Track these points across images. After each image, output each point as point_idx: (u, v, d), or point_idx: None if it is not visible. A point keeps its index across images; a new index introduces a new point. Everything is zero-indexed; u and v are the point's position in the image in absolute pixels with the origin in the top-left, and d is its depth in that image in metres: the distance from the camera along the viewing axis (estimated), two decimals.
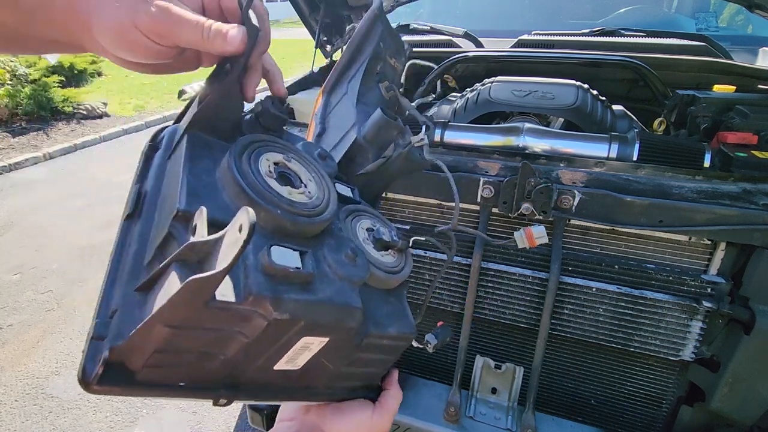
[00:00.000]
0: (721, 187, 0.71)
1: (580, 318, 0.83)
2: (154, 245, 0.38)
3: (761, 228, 0.67)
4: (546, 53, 1.36)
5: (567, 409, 0.94)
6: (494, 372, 0.90)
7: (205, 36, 0.40)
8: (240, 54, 0.42)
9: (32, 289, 2.69)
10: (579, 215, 0.75)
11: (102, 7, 0.39)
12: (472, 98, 1.13)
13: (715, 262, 0.75)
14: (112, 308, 0.36)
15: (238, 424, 1.80)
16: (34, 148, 5.06)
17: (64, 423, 1.82)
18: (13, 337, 2.31)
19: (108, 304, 0.37)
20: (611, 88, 1.39)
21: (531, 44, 1.56)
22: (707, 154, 0.84)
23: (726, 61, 1.30)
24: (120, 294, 0.37)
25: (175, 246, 0.35)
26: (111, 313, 0.36)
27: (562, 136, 0.93)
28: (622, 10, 1.99)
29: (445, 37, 1.76)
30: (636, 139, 0.87)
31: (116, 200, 3.87)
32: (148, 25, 0.39)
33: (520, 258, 0.85)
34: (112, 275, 0.39)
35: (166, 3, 0.39)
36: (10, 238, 3.27)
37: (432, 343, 0.67)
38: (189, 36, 0.40)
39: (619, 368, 0.88)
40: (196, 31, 0.40)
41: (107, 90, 7.61)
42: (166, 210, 0.39)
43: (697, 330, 0.76)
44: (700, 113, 0.99)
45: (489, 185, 0.77)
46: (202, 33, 0.40)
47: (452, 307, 0.91)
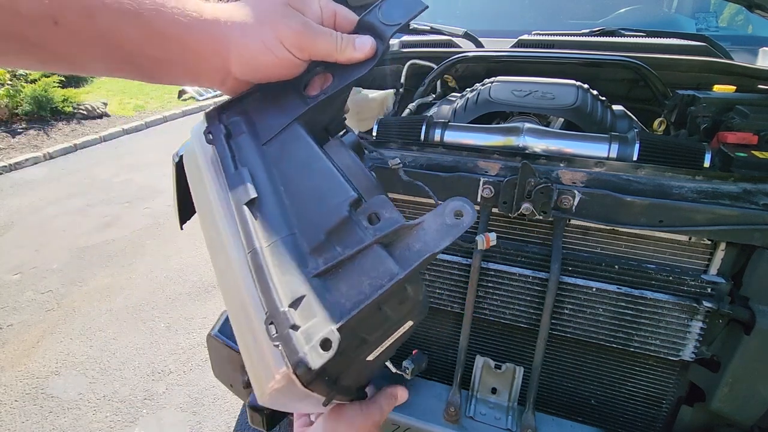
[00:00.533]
0: (721, 187, 0.71)
1: (580, 318, 0.83)
2: (323, 228, 0.38)
3: (761, 228, 0.67)
4: (546, 53, 1.36)
5: (567, 409, 0.94)
6: (494, 372, 0.90)
7: (339, 45, 0.44)
8: (371, 59, 0.45)
9: (32, 289, 2.69)
10: (579, 215, 0.75)
11: (244, 29, 0.41)
12: (472, 98, 1.13)
13: (715, 262, 0.75)
14: (293, 296, 0.35)
15: (238, 423, 1.81)
16: (34, 148, 5.06)
17: (64, 423, 1.82)
18: (13, 337, 2.31)
19: (283, 292, 0.35)
20: (611, 88, 1.39)
21: (531, 44, 1.56)
22: (707, 154, 0.84)
23: (726, 61, 1.30)
24: (294, 281, 0.36)
25: (357, 232, 0.36)
26: (294, 301, 0.35)
27: (562, 136, 0.93)
28: (622, 10, 1.99)
29: (445, 37, 1.76)
30: (636, 139, 0.87)
31: (116, 200, 3.87)
32: (292, 38, 0.42)
33: (520, 258, 0.85)
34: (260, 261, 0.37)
35: (304, 17, 0.43)
36: (10, 238, 3.27)
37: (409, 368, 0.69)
38: (325, 46, 0.44)
39: (619, 368, 0.88)
40: (331, 41, 0.44)
41: (107, 90, 7.61)
42: (329, 198, 0.39)
43: (697, 330, 0.76)
44: (700, 113, 0.99)
45: (489, 185, 0.77)
46: (336, 43, 0.44)
47: (452, 307, 0.91)
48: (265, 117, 0.47)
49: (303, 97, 0.46)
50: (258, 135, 0.46)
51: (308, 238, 0.38)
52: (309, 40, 0.43)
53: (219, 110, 0.49)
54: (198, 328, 2.35)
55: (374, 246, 0.36)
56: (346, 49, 0.45)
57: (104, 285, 2.72)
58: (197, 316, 2.43)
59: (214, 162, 0.46)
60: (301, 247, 0.38)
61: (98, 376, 2.05)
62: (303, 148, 0.44)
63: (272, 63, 0.43)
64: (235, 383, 1.10)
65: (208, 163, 0.47)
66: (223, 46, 0.42)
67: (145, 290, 2.67)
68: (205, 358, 2.13)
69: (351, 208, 0.38)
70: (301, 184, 0.42)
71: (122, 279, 2.78)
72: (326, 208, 0.38)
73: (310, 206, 0.39)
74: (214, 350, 1.11)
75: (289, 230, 0.39)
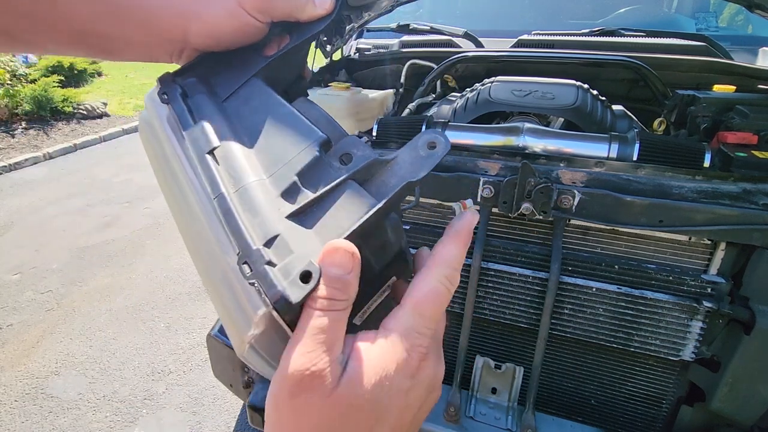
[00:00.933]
0: (721, 187, 0.71)
1: (580, 318, 0.83)
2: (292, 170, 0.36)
3: (761, 228, 0.67)
4: (546, 53, 1.36)
5: (567, 409, 0.94)
6: (494, 372, 0.90)
7: (298, 4, 0.42)
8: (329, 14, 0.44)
9: (32, 289, 2.69)
10: (579, 215, 0.75)
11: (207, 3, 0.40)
12: (472, 98, 1.13)
13: (715, 262, 0.75)
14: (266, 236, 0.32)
15: (238, 423, 1.80)
16: (34, 148, 5.06)
17: (63, 423, 1.82)
18: (13, 337, 2.31)
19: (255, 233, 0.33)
20: (611, 88, 1.39)
21: (531, 44, 1.56)
22: (707, 154, 0.84)
23: (726, 61, 1.30)
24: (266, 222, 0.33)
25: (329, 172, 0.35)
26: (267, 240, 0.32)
27: (562, 136, 0.93)
28: (622, 10, 1.99)
29: (445, 37, 1.76)
30: (636, 139, 0.87)
31: (116, 200, 3.87)
32: (253, 2, 0.40)
33: (520, 258, 0.85)
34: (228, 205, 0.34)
35: None
36: (10, 238, 3.27)
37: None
38: (286, 6, 0.42)
39: (619, 368, 0.88)
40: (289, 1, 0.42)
41: (107, 90, 7.61)
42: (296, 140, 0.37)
43: (697, 330, 0.76)
44: (700, 113, 0.99)
45: (489, 185, 0.77)
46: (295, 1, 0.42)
47: (452, 307, 0.91)
48: (222, 77, 0.45)
49: (261, 56, 0.45)
50: (216, 93, 0.44)
51: (277, 182, 0.36)
52: (267, 1, 0.41)
53: (173, 74, 0.47)
54: (198, 328, 2.35)
55: (348, 181, 0.34)
56: (306, 6, 0.43)
57: (104, 285, 2.72)
58: (197, 316, 2.43)
59: (170, 121, 0.43)
60: (270, 192, 0.36)
61: (98, 376, 2.05)
62: (265, 97, 0.42)
63: (234, 30, 0.42)
64: (235, 383, 1.10)
65: (164, 123, 0.44)
66: (182, 18, 0.41)
67: (145, 290, 2.67)
68: (205, 358, 2.13)
69: (321, 148, 0.36)
70: (266, 132, 0.40)
71: (122, 279, 2.78)
72: (294, 152, 0.37)
73: (276, 151, 0.38)
74: (214, 350, 1.11)
75: (256, 175, 0.37)
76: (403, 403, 0.29)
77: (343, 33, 1.69)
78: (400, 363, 0.29)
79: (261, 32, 0.43)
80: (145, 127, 0.49)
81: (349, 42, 1.99)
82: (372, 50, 1.87)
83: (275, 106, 0.41)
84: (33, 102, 5.66)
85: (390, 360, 0.29)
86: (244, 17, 0.41)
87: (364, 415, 0.27)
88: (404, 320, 0.30)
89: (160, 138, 0.45)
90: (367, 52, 1.85)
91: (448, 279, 0.32)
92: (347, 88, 1.44)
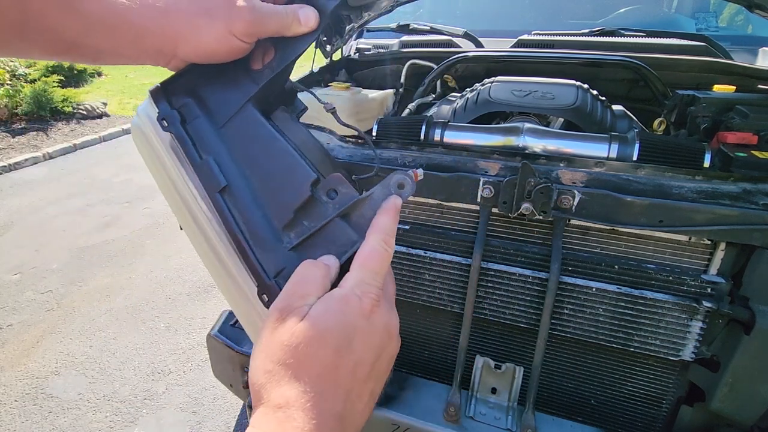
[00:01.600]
0: (721, 187, 0.70)
1: (580, 318, 0.83)
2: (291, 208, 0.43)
3: (761, 228, 0.67)
4: (546, 53, 1.36)
5: (567, 409, 0.94)
6: (494, 372, 0.90)
7: (286, 22, 0.45)
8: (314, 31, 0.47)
9: (32, 289, 2.69)
10: (579, 215, 0.75)
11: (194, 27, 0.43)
12: (472, 98, 1.13)
13: (715, 262, 0.75)
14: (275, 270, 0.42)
15: (238, 423, 1.81)
16: (34, 148, 5.06)
17: (63, 423, 1.82)
18: (13, 337, 2.31)
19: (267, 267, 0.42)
20: (611, 88, 1.39)
21: (531, 44, 1.56)
22: (707, 154, 0.84)
23: (726, 61, 1.30)
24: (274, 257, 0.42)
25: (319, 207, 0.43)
26: (276, 273, 0.42)
27: (562, 136, 0.93)
28: (622, 10, 1.99)
29: (445, 37, 1.76)
30: (636, 139, 0.87)
31: (116, 200, 3.87)
32: (243, 29, 0.43)
33: (520, 258, 0.85)
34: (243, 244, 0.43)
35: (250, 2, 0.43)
36: (10, 238, 3.27)
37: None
38: (274, 26, 0.45)
39: (619, 368, 0.88)
40: (278, 20, 0.45)
41: (107, 90, 7.61)
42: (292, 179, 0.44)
43: (697, 330, 0.76)
44: (700, 113, 0.99)
45: (489, 185, 0.77)
46: (283, 21, 0.45)
47: (452, 307, 0.91)
48: (214, 94, 0.49)
49: (250, 72, 0.48)
50: (212, 115, 0.48)
51: (278, 216, 0.44)
52: (259, 25, 0.44)
53: (165, 90, 0.50)
54: (198, 328, 2.35)
55: (335, 219, 0.43)
56: (291, 25, 0.46)
57: (104, 285, 2.72)
58: (197, 316, 2.43)
59: (174, 149, 0.48)
60: (274, 226, 0.44)
61: (98, 376, 2.05)
62: (260, 130, 0.47)
63: (222, 52, 0.45)
64: (235, 383, 1.10)
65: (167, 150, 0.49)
66: (172, 40, 0.43)
67: (145, 290, 2.67)
68: (205, 358, 2.13)
69: (312, 187, 0.44)
70: (264, 166, 0.46)
71: (122, 279, 2.78)
72: (291, 189, 0.44)
73: (275, 186, 0.44)
74: (214, 350, 1.11)
75: (261, 211, 0.44)
76: (364, 340, 0.36)
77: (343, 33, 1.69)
78: (355, 305, 0.36)
79: (248, 50, 0.47)
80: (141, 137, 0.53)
81: (349, 42, 1.99)
82: (372, 50, 1.87)
83: (270, 139, 0.47)
84: (33, 102, 5.66)
85: (346, 303, 0.36)
86: (233, 42, 0.44)
87: (327, 342, 0.34)
88: (354, 275, 0.38)
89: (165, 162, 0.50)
90: (367, 52, 1.85)
91: (385, 242, 0.40)
92: (347, 88, 1.44)
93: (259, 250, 0.43)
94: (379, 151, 0.87)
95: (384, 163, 0.84)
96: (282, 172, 0.45)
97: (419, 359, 1.05)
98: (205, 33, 0.43)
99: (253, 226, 0.44)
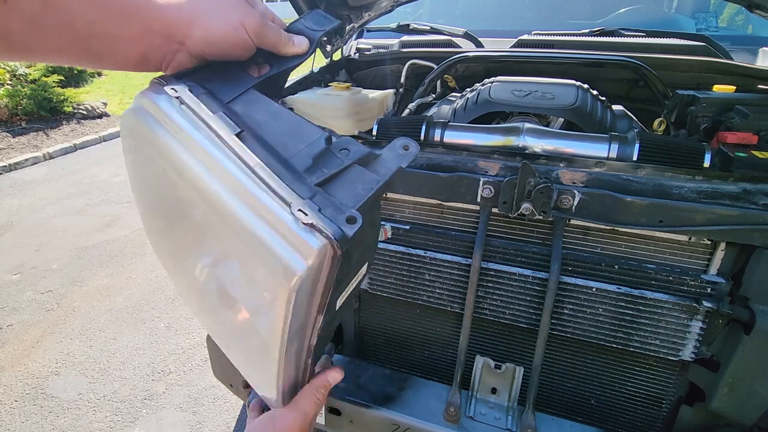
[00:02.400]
0: (721, 187, 0.70)
1: (580, 318, 0.83)
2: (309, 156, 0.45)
3: (761, 228, 0.67)
4: (546, 53, 1.36)
5: (567, 409, 0.94)
6: (494, 372, 0.90)
7: (284, 40, 0.54)
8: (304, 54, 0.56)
9: (32, 289, 2.69)
10: (579, 215, 0.75)
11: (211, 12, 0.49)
12: (472, 98, 1.13)
13: (715, 262, 0.75)
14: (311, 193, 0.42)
15: (238, 423, 1.81)
16: (34, 148, 5.05)
17: (63, 423, 1.82)
18: (13, 337, 2.31)
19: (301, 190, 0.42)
20: (611, 88, 1.39)
21: (531, 44, 1.57)
22: (707, 154, 0.84)
23: (726, 61, 1.30)
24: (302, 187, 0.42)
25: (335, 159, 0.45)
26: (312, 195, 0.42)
27: (562, 136, 0.93)
28: (622, 10, 1.99)
29: (445, 37, 1.76)
30: (636, 139, 0.87)
31: (116, 200, 3.87)
32: (253, 26, 0.50)
33: (520, 258, 0.85)
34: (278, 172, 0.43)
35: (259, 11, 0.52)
36: (10, 238, 3.27)
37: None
38: (274, 39, 0.53)
39: (619, 368, 0.88)
40: (278, 35, 0.54)
41: (107, 90, 7.61)
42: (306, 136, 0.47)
43: (697, 330, 0.76)
44: (700, 113, 0.99)
45: (489, 185, 0.77)
46: (282, 38, 0.54)
47: (452, 307, 0.91)
48: (216, 85, 0.51)
49: (248, 74, 0.53)
50: (217, 94, 0.50)
51: (299, 162, 0.45)
52: (265, 30, 0.51)
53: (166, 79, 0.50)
54: (198, 328, 2.34)
55: (354, 165, 0.45)
56: (288, 44, 0.55)
57: (104, 285, 2.72)
58: None
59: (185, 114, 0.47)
60: (295, 167, 0.44)
61: (98, 376, 2.05)
62: (265, 104, 0.50)
63: (232, 43, 0.49)
64: (235, 383, 1.10)
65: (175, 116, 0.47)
66: (188, 21, 0.47)
67: (145, 290, 2.67)
68: (205, 358, 2.13)
69: (326, 142, 0.46)
70: (276, 128, 0.48)
71: (122, 279, 2.78)
72: (305, 144, 0.46)
73: (290, 142, 0.46)
74: (214, 350, 1.11)
75: (281, 155, 0.45)
76: None
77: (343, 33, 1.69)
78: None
79: (249, 52, 0.52)
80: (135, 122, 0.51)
81: (349, 42, 1.99)
82: (372, 50, 1.87)
83: (278, 110, 0.49)
84: (33, 102, 5.65)
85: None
86: (242, 34, 0.50)
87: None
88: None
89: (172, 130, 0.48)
90: (367, 52, 1.85)
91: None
92: (347, 88, 1.44)
93: (287, 179, 0.42)
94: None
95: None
96: (294, 132, 0.47)
97: (419, 359, 1.05)
98: (219, 21, 0.48)
99: (276, 165, 0.43)
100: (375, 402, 0.89)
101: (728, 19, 2.07)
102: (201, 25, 0.47)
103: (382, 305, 1.03)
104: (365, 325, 1.08)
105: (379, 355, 1.10)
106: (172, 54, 0.49)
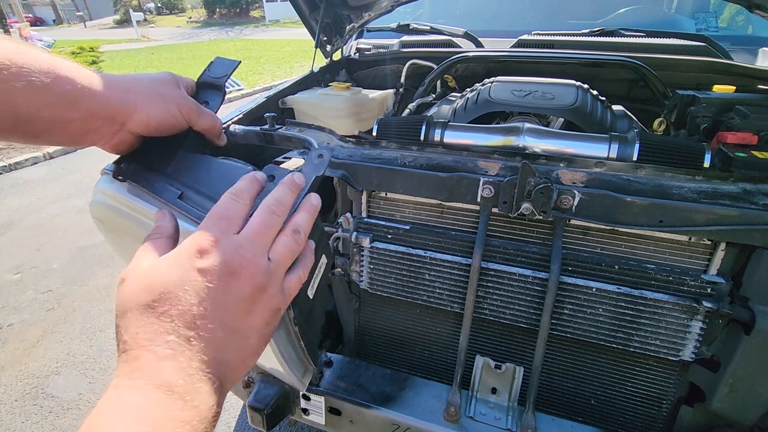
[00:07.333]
0: (721, 187, 0.70)
1: (580, 318, 0.83)
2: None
3: (761, 228, 0.66)
4: (546, 53, 1.36)
5: (567, 409, 0.94)
6: (494, 372, 0.90)
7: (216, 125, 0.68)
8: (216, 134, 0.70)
9: (32, 289, 2.69)
10: (579, 215, 0.75)
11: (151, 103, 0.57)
12: (472, 98, 1.13)
13: (715, 262, 0.75)
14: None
15: (238, 423, 1.81)
16: (34, 148, 5.05)
17: (63, 423, 1.82)
18: (13, 337, 2.31)
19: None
20: (611, 88, 1.39)
21: (531, 44, 1.57)
22: (707, 154, 0.84)
23: (726, 61, 1.30)
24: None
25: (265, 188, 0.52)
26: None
27: (562, 136, 0.93)
28: (622, 10, 1.99)
29: (445, 37, 1.77)
30: (636, 139, 0.87)
31: None
32: (188, 113, 0.61)
33: (520, 258, 0.85)
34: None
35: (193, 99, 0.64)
36: (10, 238, 3.27)
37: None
38: (207, 123, 0.65)
39: (619, 368, 0.88)
40: (212, 121, 0.66)
41: None
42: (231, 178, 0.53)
43: (697, 330, 0.76)
44: (700, 113, 0.99)
45: (489, 185, 0.77)
46: (214, 123, 0.67)
47: (452, 307, 0.91)
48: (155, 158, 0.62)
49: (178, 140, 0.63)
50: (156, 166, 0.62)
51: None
52: (198, 116, 0.63)
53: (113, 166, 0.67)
54: None
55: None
56: (213, 133, 0.68)
57: (104, 285, 2.72)
58: None
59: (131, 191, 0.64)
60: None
61: (98, 376, 2.05)
62: (196, 160, 0.61)
63: (169, 125, 0.59)
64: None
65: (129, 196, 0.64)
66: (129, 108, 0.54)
67: None
68: None
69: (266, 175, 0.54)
70: (209, 179, 0.59)
71: None
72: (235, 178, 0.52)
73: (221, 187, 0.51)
74: None
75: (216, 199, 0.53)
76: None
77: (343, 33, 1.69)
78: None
79: (182, 130, 0.62)
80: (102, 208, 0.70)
81: (349, 42, 1.99)
82: (372, 50, 1.87)
83: (208, 162, 0.61)
84: None
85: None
86: (179, 119, 0.60)
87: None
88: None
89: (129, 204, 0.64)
90: (367, 52, 1.85)
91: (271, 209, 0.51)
92: (347, 88, 1.44)
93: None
94: (379, 151, 0.87)
95: (384, 164, 0.84)
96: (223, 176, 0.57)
97: (419, 359, 1.05)
98: (158, 108, 0.57)
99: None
100: (375, 402, 0.89)
101: (728, 19, 2.07)
102: (143, 112, 0.55)
103: (382, 305, 1.03)
104: (365, 325, 1.08)
105: (379, 355, 1.10)
106: (112, 134, 0.56)
